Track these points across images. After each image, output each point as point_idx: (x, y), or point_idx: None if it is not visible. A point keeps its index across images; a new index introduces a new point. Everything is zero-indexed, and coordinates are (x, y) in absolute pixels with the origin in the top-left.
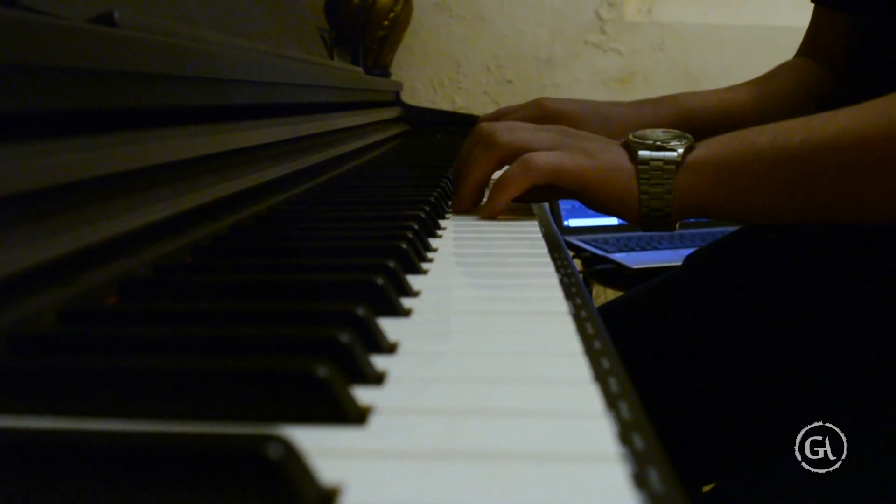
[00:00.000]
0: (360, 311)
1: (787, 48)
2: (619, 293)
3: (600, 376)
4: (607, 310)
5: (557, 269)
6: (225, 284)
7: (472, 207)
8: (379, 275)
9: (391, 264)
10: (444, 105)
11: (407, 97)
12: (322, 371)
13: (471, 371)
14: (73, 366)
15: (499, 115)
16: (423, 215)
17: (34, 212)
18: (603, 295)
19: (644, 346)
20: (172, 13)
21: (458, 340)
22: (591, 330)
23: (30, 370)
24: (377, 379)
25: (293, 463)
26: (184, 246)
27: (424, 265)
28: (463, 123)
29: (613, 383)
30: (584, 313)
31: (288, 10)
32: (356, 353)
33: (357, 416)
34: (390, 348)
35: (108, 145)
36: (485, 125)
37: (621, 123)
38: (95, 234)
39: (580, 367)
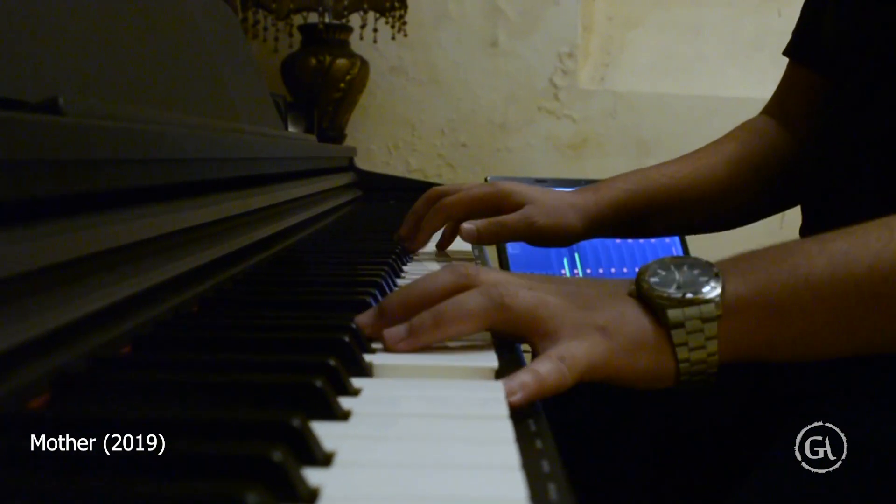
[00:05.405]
0: (296, 422)
1: (736, 118)
2: None
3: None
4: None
5: (500, 356)
6: (159, 384)
7: None
8: (318, 377)
9: (332, 362)
10: (398, 167)
11: (362, 159)
12: (251, 498)
13: (410, 488)
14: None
15: (448, 191)
16: (369, 300)
17: None
18: None
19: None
20: (118, 89)
21: (398, 450)
22: (533, 427)
23: None
24: (310, 497)
25: None
26: (124, 333)
27: (368, 357)
28: (415, 189)
29: (553, 490)
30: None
31: (243, 80)
32: (289, 471)
33: None
34: (325, 459)
35: (44, 235)
36: (474, 273)
37: (574, 207)
38: (31, 329)
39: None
